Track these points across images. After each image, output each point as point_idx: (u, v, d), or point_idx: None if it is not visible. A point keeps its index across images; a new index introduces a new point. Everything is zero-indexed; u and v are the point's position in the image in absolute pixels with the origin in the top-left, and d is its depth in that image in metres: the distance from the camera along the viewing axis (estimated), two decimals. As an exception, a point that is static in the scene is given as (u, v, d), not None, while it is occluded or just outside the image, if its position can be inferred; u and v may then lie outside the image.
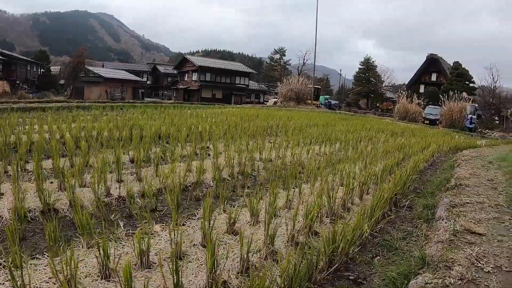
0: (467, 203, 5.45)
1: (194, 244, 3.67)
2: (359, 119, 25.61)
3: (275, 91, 52.71)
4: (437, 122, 32.80)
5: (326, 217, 4.99)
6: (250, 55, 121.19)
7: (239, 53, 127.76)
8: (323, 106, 49.12)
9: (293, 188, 5.85)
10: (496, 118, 45.40)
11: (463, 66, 51.85)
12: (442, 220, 4.74)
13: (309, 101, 45.89)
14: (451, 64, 55.10)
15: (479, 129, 32.57)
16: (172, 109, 21.40)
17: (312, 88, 46.93)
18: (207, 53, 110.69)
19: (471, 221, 4.59)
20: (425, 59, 60.75)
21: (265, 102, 57.16)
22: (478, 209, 5.18)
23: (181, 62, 62.30)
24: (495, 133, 32.24)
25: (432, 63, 59.67)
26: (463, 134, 25.89)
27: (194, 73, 57.05)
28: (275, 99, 48.72)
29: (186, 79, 59.68)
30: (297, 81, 45.35)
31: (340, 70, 78.80)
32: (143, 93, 57.96)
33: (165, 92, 66.61)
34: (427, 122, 32.85)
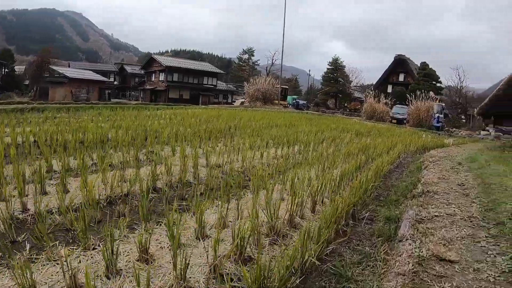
0: (435, 216, 4.54)
1: (97, 275, 2.97)
2: (325, 119, 24.90)
3: (244, 91, 51.74)
4: (405, 121, 32.76)
5: (267, 236, 4.00)
6: (219, 56, 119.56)
7: (208, 53, 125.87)
8: (290, 106, 48.42)
9: (236, 200, 4.84)
10: (462, 117, 46.00)
11: (430, 67, 52.35)
12: (406, 240, 3.82)
13: (277, 101, 45.16)
14: (419, 65, 55.57)
15: (446, 128, 32.62)
16: (131, 110, 20.09)
17: (279, 88, 46.15)
18: (176, 53, 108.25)
19: (440, 243, 3.67)
20: (393, 59, 61.11)
21: (233, 103, 56.08)
22: (449, 223, 4.28)
23: (149, 62, 60.38)
24: (462, 132, 32.30)
25: (400, 63, 60.06)
26: (430, 133, 25.63)
27: (161, 73, 55.34)
28: (243, 100, 47.72)
29: (153, 79, 57.91)
30: (264, 81, 44.47)
31: (309, 71, 78.71)
32: (110, 94, 56.10)
33: (133, 92, 64.49)
34: (395, 121, 32.72)
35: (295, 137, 12.00)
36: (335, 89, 58.63)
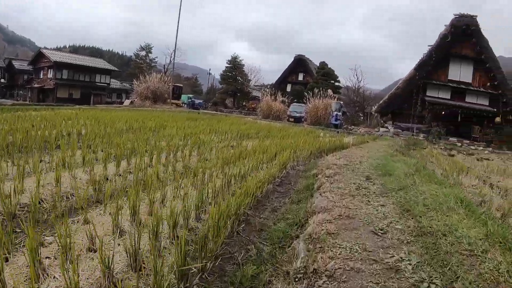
0: None
1: None
2: (213, 119, 21.54)
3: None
4: (302, 119, 31.13)
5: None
6: (120, 53, 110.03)
7: (109, 50, 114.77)
8: (186, 105, 44.44)
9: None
10: (360, 114, 46.21)
11: (329, 66, 52.09)
12: None
13: (172, 101, 41.12)
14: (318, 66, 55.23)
15: (345, 126, 31.68)
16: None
17: (171, 86, 41.97)
18: (75, 49, 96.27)
19: None
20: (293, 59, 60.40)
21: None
22: None
23: (37, 56, 51.86)
24: (360, 129, 31.44)
25: (300, 63, 59.34)
26: (329, 131, 23.72)
27: (49, 70, 48.07)
28: (133, 99, 42.64)
29: (41, 76, 49.99)
30: (154, 79, 39.98)
31: (209, 70, 75.15)
32: (-5, 94, 46.79)
33: (21, 92, 54.83)
34: (292, 120, 30.92)
35: (152, 145, 8.43)
36: (233, 87, 55.96)
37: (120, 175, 5.60)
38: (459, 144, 26.38)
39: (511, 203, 5.11)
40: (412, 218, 3.65)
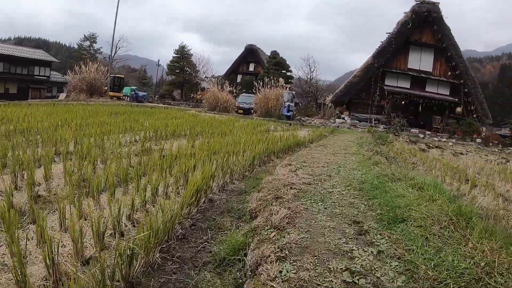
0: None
1: None
2: (146, 113, 17.84)
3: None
4: (252, 111, 28.23)
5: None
6: (68, 45, 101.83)
7: (56, 42, 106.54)
8: (128, 98, 39.84)
9: None
10: (313, 104, 43.89)
11: (280, 56, 49.48)
12: None
13: (111, 93, 36.70)
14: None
15: (298, 117, 29.16)
16: None
17: (109, 77, 37.42)
18: (20, 41, 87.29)
19: None
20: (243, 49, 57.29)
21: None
22: None
23: None
24: (315, 120, 28.89)
25: (251, 53, 56.37)
26: (280, 123, 21.00)
27: None
28: (69, 93, 37.63)
29: None
30: (90, 69, 35.24)
31: (158, 61, 69.91)
32: None
33: None
34: (241, 111, 27.91)
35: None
36: (181, 78, 51.87)
37: None
38: (422, 135, 24.66)
39: None
40: None
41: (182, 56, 53.42)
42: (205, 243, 3.21)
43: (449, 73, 29.24)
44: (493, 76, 70.64)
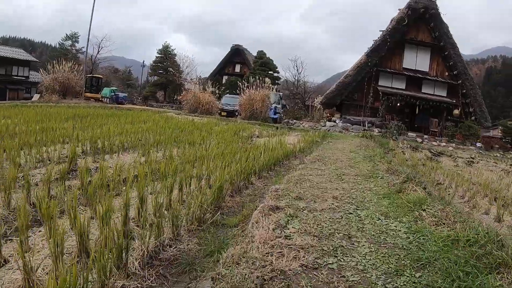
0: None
1: None
2: (115, 115, 15.47)
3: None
4: (236, 113, 26.54)
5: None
6: (53, 45, 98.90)
7: (41, 42, 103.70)
8: (107, 99, 37.12)
9: None
10: (302, 106, 42.02)
11: (267, 56, 47.48)
12: None
13: (88, 94, 34.26)
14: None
15: (286, 120, 27.17)
16: None
17: (84, 77, 34.80)
18: (5, 41, 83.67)
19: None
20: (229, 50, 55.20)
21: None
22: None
23: None
24: (304, 124, 26.92)
25: (237, 54, 54.24)
26: (266, 126, 19.00)
27: None
28: (41, 93, 34.98)
29: None
30: (63, 68, 32.57)
31: (143, 62, 67.04)
32: None
33: None
34: (224, 114, 26.07)
35: None
36: (164, 79, 49.46)
37: None
38: (419, 140, 22.81)
39: None
40: None
41: (166, 56, 51.09)
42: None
43: (447, 73, 27.54)
44: (479, 79, 70.68)
